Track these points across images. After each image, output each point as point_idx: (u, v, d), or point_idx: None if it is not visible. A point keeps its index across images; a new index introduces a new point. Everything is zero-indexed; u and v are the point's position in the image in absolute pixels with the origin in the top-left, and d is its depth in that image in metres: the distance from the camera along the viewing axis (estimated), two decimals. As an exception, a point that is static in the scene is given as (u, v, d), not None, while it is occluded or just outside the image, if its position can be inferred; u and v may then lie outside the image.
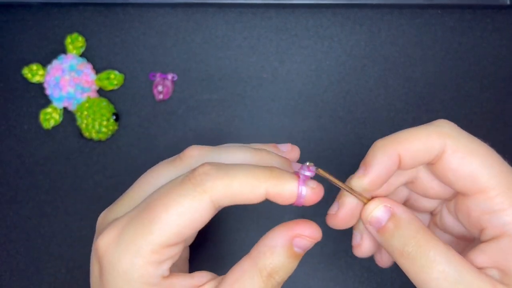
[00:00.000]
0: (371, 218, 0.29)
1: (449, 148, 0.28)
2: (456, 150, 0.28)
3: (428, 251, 0.27)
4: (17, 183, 0.47)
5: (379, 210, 0.29)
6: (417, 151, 0.28)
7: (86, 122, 0.46)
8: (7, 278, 0.46)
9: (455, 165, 0.28)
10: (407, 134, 0.29)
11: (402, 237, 0.28)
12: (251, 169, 0.27)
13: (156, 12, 0.49)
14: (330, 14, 0.48)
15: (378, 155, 0.29)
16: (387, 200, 0.29)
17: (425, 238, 0.27)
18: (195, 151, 0.31)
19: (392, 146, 0.28)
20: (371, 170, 0.29)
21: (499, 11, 0.48)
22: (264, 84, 0.48)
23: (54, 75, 0.47)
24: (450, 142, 0.28)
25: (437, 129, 0.29)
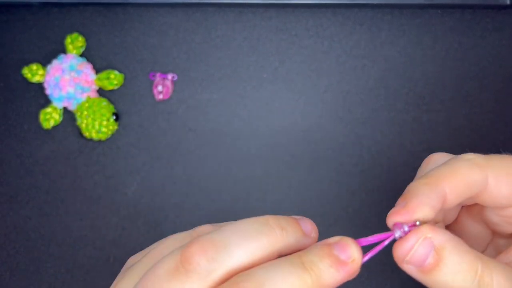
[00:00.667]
0: (410, 258, 0.25)
1: (492, 177, 0.27)
2: (499, 176, 0.27)
3: (490, 281, 0.24)
4: (17, 183, 0.47)
5: (421, 246, 0.24)
6: (463, 186, 0.26)
7: (86, 122, 0.46)
8: (7, 278, 0.46)
9: (504, 191, 0.27)
10: (448, 170, 0.26)
11: (456, 272, 0.24)
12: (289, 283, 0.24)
13: (156, 12, 0.49)
14: (330, 14, 0.48)
15: (426, 192, 0.25)
16: (426, 230, 0.24)
17: (483, 264, 0.24)
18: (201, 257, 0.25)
19: (437, 183, 0.26)
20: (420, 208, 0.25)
21: (499, 11, 0.48)
22: (264, 84, 0.48)
23: (54, 75, 0.47)
24: (491, 172, 0.27)
25: (475, 162, 0.27)
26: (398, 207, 0.25)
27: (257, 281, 0.23)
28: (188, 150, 0.47)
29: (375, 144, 0.47)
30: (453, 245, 0.24)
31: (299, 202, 0.46)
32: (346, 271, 0.24)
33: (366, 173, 0.46)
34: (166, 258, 0.25)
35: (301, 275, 0.24)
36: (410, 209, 0.25)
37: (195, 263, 0.24)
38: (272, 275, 0.24)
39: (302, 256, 0.25)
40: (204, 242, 0.25)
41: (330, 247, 0.25)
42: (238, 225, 0.26)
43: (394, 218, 0.25)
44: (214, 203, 0.46)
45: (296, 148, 0.47)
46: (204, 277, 0.24)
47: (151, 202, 0.46)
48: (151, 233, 0.46)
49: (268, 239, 0.25)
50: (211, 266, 0.24)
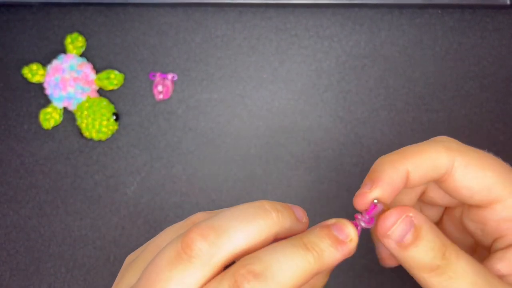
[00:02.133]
0: (392, 233, 0.26)
1: (459, 163, 0.27)
2: (468, 165, 0.27)
3: (457, 263, 0.26)
4: (17, 183, 0.47)
5: (402, 223, 0.26)
6: (427, 166, 0.27)
7: (86, 122, 0.46)
8: (7, 278, 0.46)
9: (468, 181, 0.27)
10: (414, 150, 0.28)
11: (429, 250, 0.26)
12: (294, 262, 0.24)
13: (156, 12, 0.49)
14: (330, 14, 0.48)
15: (387, 169, 0.27)
16: (408, 209, 0.26)
17: (452, 249, 0.26)
18: (201, 242, 0.25)
19: (400, 161, 0.27)
20: (379, 184, 0.27)
21: (499, 11, 0.48)
22: (264, 84, 0.48)
23: (54, 75, 0.47)
24: (460, 158, 0.27)
25: (444, 144, 0.28)
26: (363, 189, 0.28)
27: (264, 263, 0.24)
28: (188, 150, 0.47)
29: (375, 144, 0.47)
30: (430, 225, 0.26)
31: (299, 202, 0.46)
32: (345, 249, 0.26)
33: (366, 173, 0.46)
34: (166, 248, 0.25)
35: (304, 255, 0.25)
36: (372, 190, 0.27)
37: (197, 248, 0.24)
38: (277, 256, 0.24)
39: (303, 238, 0.26)
40: (203, 227, 0.25)
41: (329, 228, 0.26)
42: (235, 210, 0.26)
43: (359, 200, 0.28)
44: (214, 203, 0.46)
45: (296, 148, 0.47)
46: (206, 262, 0.25)
47: (151, 202, 0.46)
48: (151, 233, 0.46)
49: (265, 222, 0.26)
50: (212, 250, 0.25)
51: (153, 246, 0.28)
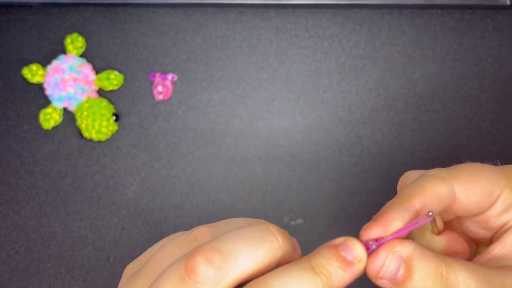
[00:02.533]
0: (383, 274, 0.26)
1: (459, 188, 0.28)
2: (466, 185, 0.28)
3: (456, 278, 0.26)
4: (17, 183, 0.47)
5: (392, 260, 0.26)
6: (433, 203, 0.27)
7: (86, 122, 0.46)
8: (7, 278, 0.46)
9: (473, 197, 0.28)
10: (417, 190, 0.27)
11: (425, 278, 0.26)
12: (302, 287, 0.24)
13: (156, 12, 0.49)
14: (330, 14, 0.48)
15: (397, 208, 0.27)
16: (393, 244, 0.26)
17: (448, 264, 0.26)
18: (206, 267, 0.25)
19: (408, 200, 0.27)
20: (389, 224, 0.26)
21: (499, 11, 0.48)
22: (264, 84, 0.48)
23: (54, 76, 0.47)
24: (456, 183, 0.28)
25: (438, 177, 0.28)
26: (370, 223, 0.26)
27: (273, 287, 0.24)
28: (188, 150, 0.47)
29: (375, 144, 0.47)
30: (419, 252, 0.26)
31: (299, 202, 0.46)
32: (354, 271, 0.25)
33: (366, 173, 0.46)
34: (170, 270, 0.24)
35: (312, 279, 0.24)
36: (381, 223, 0.26)
37: (202, 273, 0.24)
38: (285, 280, 0.24)
39: (311, 260, 0.25)
40: (208, 250, 0.24)
41: (337, 248, 0.26)
42: (242, 232, 0.25)
43: (366, 233, 0.26)
44: (214, 203, 0.46)
45: (296, 148, 0.47)
46: (213, 285, 0.24)
47: (151, 202, 0.46)
48: (151, 233, 0.46)
49: (271, 246, 0.25)
50: (218, 275, 0.24)
51: (154, 262, 0.27)
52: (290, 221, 0.46)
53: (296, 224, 0.46)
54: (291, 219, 0.46)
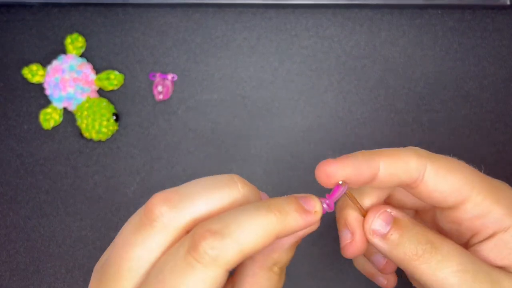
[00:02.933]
0: (374, 227, 0.28)
1: (430, 169, 0.28)
2: (438, 170, 0.28)
3: (442, 246, 0.27)
4: (17, 183, 0.47)
5: (381, 217, 0.28)
6: (398, 168, 0.28)
7: (86, 122, 0.46)
8: (7, 278, 0.46)
9: (440, 184, 0.28)
10: (388, 151, 0.28)
11: (412, 238, 0.27)
12: (256, 221, 0.25)
13: (156, 12, 0.49)
14: (330, 14, 0.48)
15: (359, 157, 0.28)
16: (385, 206, 0.29)
17: (434, 235, 0.28)
18: (162, 207, 0.26)
19: (374, 155, 0.28)
20: (348, 164, 0.27)
21: (499, 11, 0.48)
22: (264, 84, 0.48)
23: (54, 75, 0.47)
24: (431, 164, 0.28)
25: (416, 151, 0.28)
26: (330, 159, 0.28)
27: (223, 222, 0.24)
28: (188, 150, 0.47)
29: (375, 144, 0.47)
30: (408, 217, 0.28)
31: (299, 202, 0.46)
32: (309, 218, 0.26)
33: (366, 173, 0.46)
34: (132, 217, 0.26)
35: (266, 215, 0.25)
36: (338, 163, 0.27)
37: (158, 212, 0.25)
38: (237, 215, 0.25)
39: (268, 201, 0.26)
40: (166, 192, 0.26)
41: (296, 197, 0.26)
42: (202, 179, 0.27)
43: (321, 166, 0.28)
44: (214, 203, 0.46)
45: (296, 148, 0.47)
46: (167, 225, 0.25)
47: (151, 202, 0.46)
48: (151, 233, 0.46)
49: (229, 191, 0.26)
50: (173, 213, 0.25)
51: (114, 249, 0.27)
52: (290, 221, 0.46)
53: (296, 224, 0.46)
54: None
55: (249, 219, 0.25)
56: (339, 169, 0.27)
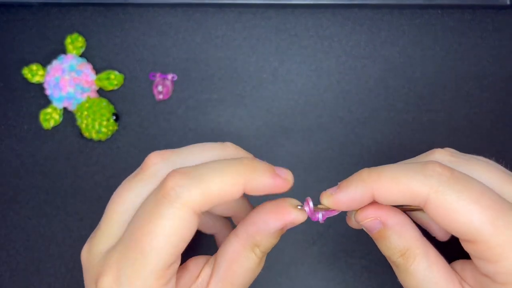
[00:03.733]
0: (364, 224, 0.30)
1: (431, 203, 0.26)
2: (438, 209, 0.26)
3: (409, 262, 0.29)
4: (17, 183, 0.47)
5: (371, 222, 0.29)
6: (394, 197, 0.27)
7: (86, 122, 0.46)
8: (7, 278, 0.46)
9: (440, 220, 0.27)
10: (390, 175, 0.27)
11: (394, 243, 0.29)
12: (224, 167, 0.27)
13: (156, 12, 0.49)
14: (330, 14, 0.48)
15: (353, 186, 0.28)
16: (377, 209, 0.29)
17: (410, 253, 0.28)
18: (156, 158, 0.30)
19: (368, 184, 0.28)
20: (340, 195, 0.29)
21: (499, 11, 0.48)
22: (264, 84, 0.48)
23: (54, 75, 0.47)
24: (434, 197, 0.26)
25: (427, 173, 0.27)
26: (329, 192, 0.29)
27: (196, 167, 0.27)
28: (188, 150, 0.47)
29: (375, 144, 0.47)
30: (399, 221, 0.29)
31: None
32: (277, 181, 0.28)
33: (366, 173, 0.46)
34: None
35: (236, 165, 0.27)
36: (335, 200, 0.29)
37: (150, 162, 0.30)
38: (211, 163, 0.27)
39: (244, 157, 0.28)
40: (162, 151, 0.30)
41: (273, 166, 0.29)
42: (198, 144, 0.31)
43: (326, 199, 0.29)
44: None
45: (296, 148, 0.47)
46: (157, 173, 0.29)
47: (151, 202, 0.46)
48: (151, 233, 0.46)
49: (220, 152, 0.29)
50: (163, 164, 0.29)
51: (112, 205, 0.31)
52: (290, 221, 0.46)
53: (296, 224, 0.46)
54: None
55: (219, 166, 0.27)
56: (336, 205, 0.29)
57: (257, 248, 0.29)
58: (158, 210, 0.26)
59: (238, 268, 0.28)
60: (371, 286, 0.45)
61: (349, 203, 0.28)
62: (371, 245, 0.33)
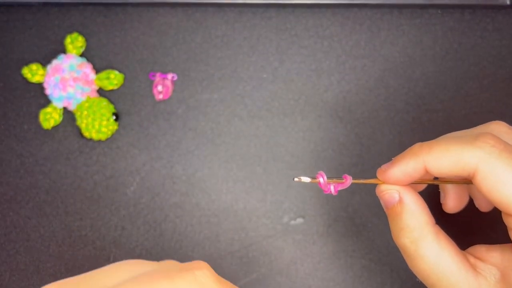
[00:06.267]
0: (382, 196, 0.31)
1: (480, 174, 0.27)
2: (485, 179, 0.27)
3: (420, 245, 0.29)
4: (17, 183, 0.47)
5: (389, 194, 0.31)
6: (445, 168, 0.28)
7: (86, 122, 0.46)
8: (7, 278, 0.46)
9: (487, 191, 0.27)
10: (441, 147, 0.28)
11: (406, 222, 0.29)
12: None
13: (156, 12, 0.49)
14: (330, 14, 0.48)
15: (405, 160, 0.29)
16: (399, 188, 0.30)
17: (422, 236, 0.29)
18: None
19: (420, 157, 0.29)
20: (394, 170, 0.30)
21: (499, 11, 0.48)
22: (264, 84, 0.48)
23: (54, 75, 0.47)
24: (482, 168, 0.27)
25: (473, 149, 0.27)
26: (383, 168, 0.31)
27: None
28: (188, 150, 0.47)
29: (375, 144, 0.47)
30: (414, 207, 0.30)
31: (299, 202, 0.46)
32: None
33: (366, 173, 0.46)
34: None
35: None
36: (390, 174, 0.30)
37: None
38: None
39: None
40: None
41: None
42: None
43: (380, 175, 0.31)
44: (214, 203, 0.46)
45: (296, 148, 0.47)
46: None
47: (151, 202, 0.46)
48: (151, 233, 0.46)
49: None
50: None
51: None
52: (290, 220, 0.46)
53: (296, 223, 0.46)
54: (291, 219, 0.46)
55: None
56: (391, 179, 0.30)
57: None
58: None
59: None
60: (371, 286, 0.45)
61: (403, 177, 0.29)
62: (371, 245, 0.33)
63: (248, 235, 0.45)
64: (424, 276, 0.29)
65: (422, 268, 0.29)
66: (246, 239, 0.46)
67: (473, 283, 0.28)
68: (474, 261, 0.30)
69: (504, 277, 0.28)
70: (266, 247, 0.45)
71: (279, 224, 0.46)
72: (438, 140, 0.29)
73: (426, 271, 0.29)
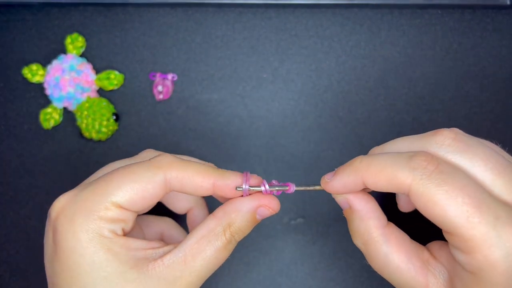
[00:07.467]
0: (337, 201, 0.33)
1: (412, 194, 0.28)
2: (418, 199, 0.28)
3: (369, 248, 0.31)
4: (17, 183, 0.47)
5: (341, 200, 0.32)
6: (382, 186, 0.29)
7: (86, 122, 0.46)
8: (7, 278, 0.46)
9: (420, 208, 0.28)
10: (378, 166, 0.29)
11: (356, 226, 0.32)
12: (202, 165, 0.31)
13: (156, 12, 0.49)
14: (330, 14, 0.48)
15: (346, 174, 0.31)
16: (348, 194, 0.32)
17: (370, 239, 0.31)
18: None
19: (359, 172, 0.30)
20: (335, 182, 0.31)
21: (499, 11, 0.48)
22: (264, 84, 0.48)
23: (54, 75, 0.47)
24: (414, 189, 0.28)
25: (406, 170, 0.28)
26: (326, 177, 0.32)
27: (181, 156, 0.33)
28: (188, 150, 0.47)
29: (375, 144, 0.46)
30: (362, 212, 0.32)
31: (299, 202, 0.46)
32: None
33: (366, 173, 0.46)
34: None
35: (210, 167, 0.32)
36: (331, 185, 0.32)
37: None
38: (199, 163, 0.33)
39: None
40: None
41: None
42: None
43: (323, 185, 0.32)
44: (214, 203, 0.46)
45: (296, 148, 0.47)
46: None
47: (151, 202, 0.46)
48: (151, 233, 0.46)
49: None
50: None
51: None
52: (290, 220, 0.46)
53: (296, 223, 0.46)
54: (291, 219, 0.46)
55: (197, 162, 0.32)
56: (331, 190, 0.32)
57: (229, 229, 0.32)
58: (136, 164, 0.30)
59: (206, 243, 0.31)
60: (371, 286, 0.45)
61: (343, 189, 0.31)
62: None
63: (248, 235, 0.45)
64: (379, 272, 0.32)
65: (375, 266, 0.32)
66: (246, 239, 0.46)
67: (422, 282, 0.30)
68: (428, 258, 0.31)
69: (451, 279, 0.29)
70: (266, 247, 0.45)
71: (279, 224, 0.46)
72: (377, 157, 0.30)
73: (379, 269, 0.32)
